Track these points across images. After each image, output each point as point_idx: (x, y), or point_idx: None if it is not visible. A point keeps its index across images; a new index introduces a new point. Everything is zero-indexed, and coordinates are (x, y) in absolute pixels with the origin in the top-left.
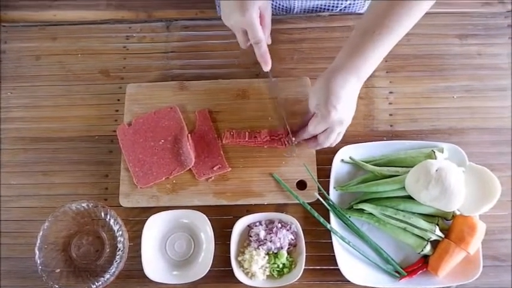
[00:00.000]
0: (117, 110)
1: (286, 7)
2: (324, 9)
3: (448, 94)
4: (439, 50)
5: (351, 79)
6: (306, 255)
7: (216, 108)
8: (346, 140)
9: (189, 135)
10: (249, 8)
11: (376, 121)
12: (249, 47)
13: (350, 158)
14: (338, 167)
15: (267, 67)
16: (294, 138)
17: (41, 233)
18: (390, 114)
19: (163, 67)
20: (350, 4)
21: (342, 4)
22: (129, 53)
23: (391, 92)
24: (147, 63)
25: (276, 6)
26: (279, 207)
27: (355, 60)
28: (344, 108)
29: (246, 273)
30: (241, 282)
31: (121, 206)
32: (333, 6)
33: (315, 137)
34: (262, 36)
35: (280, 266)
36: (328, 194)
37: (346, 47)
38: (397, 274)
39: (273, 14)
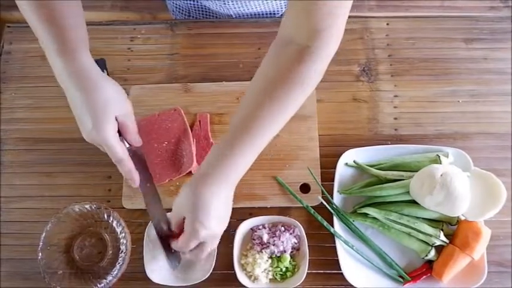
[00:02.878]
0: None
1: (222, 14)
2: (262, 17)
3: (454, 98)
4: (445, 54)
5: (220, 187)
6: (309, 259)
7: (220, 110)
8: (350, 144)
9: (195, 138)
10: (103, 125)
11: (380, 125)
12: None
13: (354, 161)
14: (342, 171)
15: (134, 184)
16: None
17: (43, 234)
18: (395, 118)
19: (167, 69)
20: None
21: (278, 13)
22: (133, 54)
23: (396, 96)
24: (152, 64)
25: (210, 11)
26: (283, 211)
27: (224, 168)
28: (214, 223)
29: (249, 277)
30: (244, 286)
31: (124, 207)
32: (270, 14)
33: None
34: (122, 155)
35: (283, 269)
36: (332, 197)
37: (213, 152)
38: (400, 279)
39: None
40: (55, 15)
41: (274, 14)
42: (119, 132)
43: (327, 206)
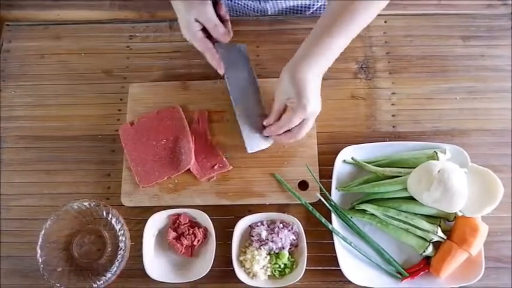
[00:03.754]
0: (119, 110)
1: (260, 9)
2: (298, 10)
3: (451, 95)
4: (442, 51)
5: (314, 71)
6: (307, 256)
7: (218, 108)
8: (348, 141)
9: (193, 136)
10: (187, 25)
11: (378, 122)
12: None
13: (352, 158)
14: (340, 168)
15: (220, 70)
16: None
17: (43, 232)
18: (393, 115)
19: (166, 67)
20: (321, 6)
21: (314, 6)
22: (132, 52)
23: (393, 93)
24: (150, 62)
25: (249, 7)
26: (281, 208)
27: (315, 53)
28: (315, 99)
29: (248, 273)
30: (243, 282)
31: (123, 205)
32: (305, 7)
33: (288, 130)
34: (206, 45)
35: (282, 266)
36: (330, 194)
37: (306, 41)
38: (398, 275)
39: (245, 15)
40: None
41: (308, 7)
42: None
43: (325, 202)
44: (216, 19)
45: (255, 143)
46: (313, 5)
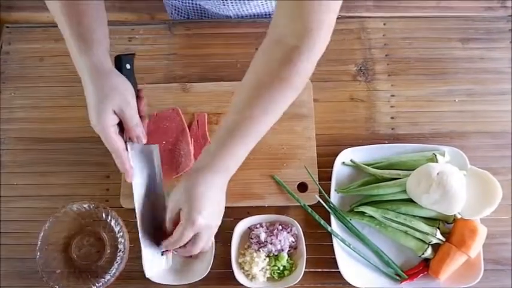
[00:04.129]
0: None
1: (223, 16)
2: (260, 15)
3: (450, 98)
4: (441, 54)
5: (218, 177)
6: (306, 258)
7: (217, 110)
8: (347, 143)
9: (192, 138)
10: (100, 116)
11: (377, 124)
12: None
13: (351, 160)
14: (339, 170)
15: (128, 179)
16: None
17: (41, 234)
18: (392, 117)
19: (165, 69)
20: None
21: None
22: None
23: (392, 95)
24: (150, 65)
25: (214, 14)
26: (280, 210)
27: (217, 161)
28: (211, 213)
29: (247, 275)
30: (242, 284)
31: (122, 207)
32: (267, 14)
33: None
34: (116, 147)
35: (281, 268)
36: (329, 196)
37: (205, 152)
38: (397, 277)
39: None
40: (80, 16)
41: (270, 15)
42: (121, 126)
43: (324, 204)
44: (138, 117)
45: (154, 265)
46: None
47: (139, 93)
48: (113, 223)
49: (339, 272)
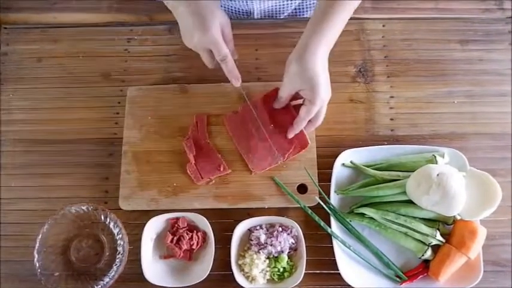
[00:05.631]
0: (117, 113)
1: (246, 11)
2: (280, 10)
3: (449, 99)
4: (440, 55)
5: (322, 51)
6: (306, 259)
7: (217, 111)
8: (347, 144)
9: (192, 139)
10: (211, 26)
11: (376, 125)
12: (216, 65)
13: (351, 162)
14: (339, 171)
15: (237, 82)
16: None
17: (40, 236)
18: (391, 119)
19: (164, 70)
20: (299, 4)
21: (292, 5)
22: (130, 55)
23: (392, 97)
24: (149, 66)
25: (236, 10)
26: (280, 211)
27: (322, 30)
28: (327, 83)
29: (247, 277)
30: (242, 286)
31: (121, 209)
32: (286, 6)
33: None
34: (227, 52)
35: (281, 270)
36: (329, 198)
37: (309, 25)
38: (397, 278)
39: (233, 18)
40: None
41: (287, 7)
42: None
43: (324, 206)
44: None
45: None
46: (291, 3)
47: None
48: (111, 225)
49: (339, 273)
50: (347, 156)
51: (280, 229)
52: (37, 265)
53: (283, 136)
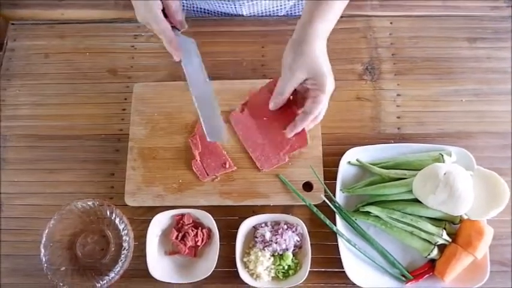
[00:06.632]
0: (124, 109)
1: (235, 14)
2: (272, 11)
3: (456, 97)
4: (448, 53)
5: (320, 40)
6: (311, 257)
7: (223, 108)
8: (353, 142)
9: (197, 135)
10: (149, 2)
11: (383, 124)
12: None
13: (357, 160)
14: (345, 169)
15: (176, 57)
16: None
17: (46, 231)
18: (398, 117)
19: (170, 66)
20: (294, 4)
21: (286, 6)
22: (136, 52)
23: (398, 95)
24: (155, 62)
25: (224, 14)
26: (285, 209)
27: (316, 23)
28: (331, 73)
29: (251, 274)
30: (246, 283)
31: (127, 205)
32: (279, 7)
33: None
34: (166, 25)
35: (286, 267)
36: (335, 196)
37: (303, 15)
38: (403, 278)
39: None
40: None
41: (281, 8)
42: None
43: (329, 204)
44: (179, 3)
45: (216, 130)
46: (285, 5)
47: None
48: (117, 221)
49: (344, 271)
50: (353, 154)
51: (285, 227)
52: (43, 260)
53: (280, 134)
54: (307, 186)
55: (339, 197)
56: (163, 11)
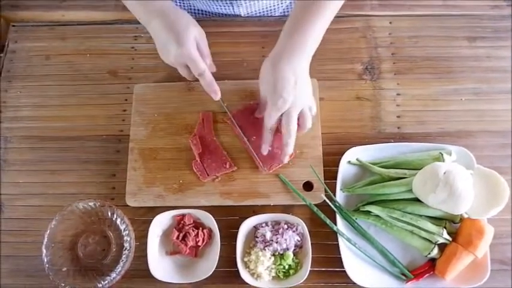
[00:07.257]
0: (124, 110)
1: (233, 15)
2: (269, 10)
3: (456, 97)
4: (448, 52)
5: (297, 57)
6: (312, 257)
7: (222, 108)
8: (353, 142)
9: (197, 136)
10: (185, 42)
11: (383, 123)
12: (193, 77)
13: (357, 159)
14: (345, 169)
15: (216, 96)
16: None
17: (48, 232)
18: (398, 116)
19: (171, 68)
20: (290, 3)
21: (282, 5)
22: (137, 53)
23: (398, 94)
24: (155, 63)
25: (221, 14)
26: (286, 209)
27: (299, 37)
28: (294, 90)
29: (252, 274)
30: (247, 283)
31: (128, 205)
32: (275, 7)
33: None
34: (204, 66)
35: (286, 267)
36: (335, 195)
37: (286, 26)
38: (403, 277)
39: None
40: None
41: (276, 8)
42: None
43: (329, 203)
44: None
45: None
46: (281, 4)
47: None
48: (118, 221)
49: (345, 271)
50: (353, 154)
51: (285, 226)
52: (45, 260)
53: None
54: (308, 186)
55: (339, 196)
56: None
